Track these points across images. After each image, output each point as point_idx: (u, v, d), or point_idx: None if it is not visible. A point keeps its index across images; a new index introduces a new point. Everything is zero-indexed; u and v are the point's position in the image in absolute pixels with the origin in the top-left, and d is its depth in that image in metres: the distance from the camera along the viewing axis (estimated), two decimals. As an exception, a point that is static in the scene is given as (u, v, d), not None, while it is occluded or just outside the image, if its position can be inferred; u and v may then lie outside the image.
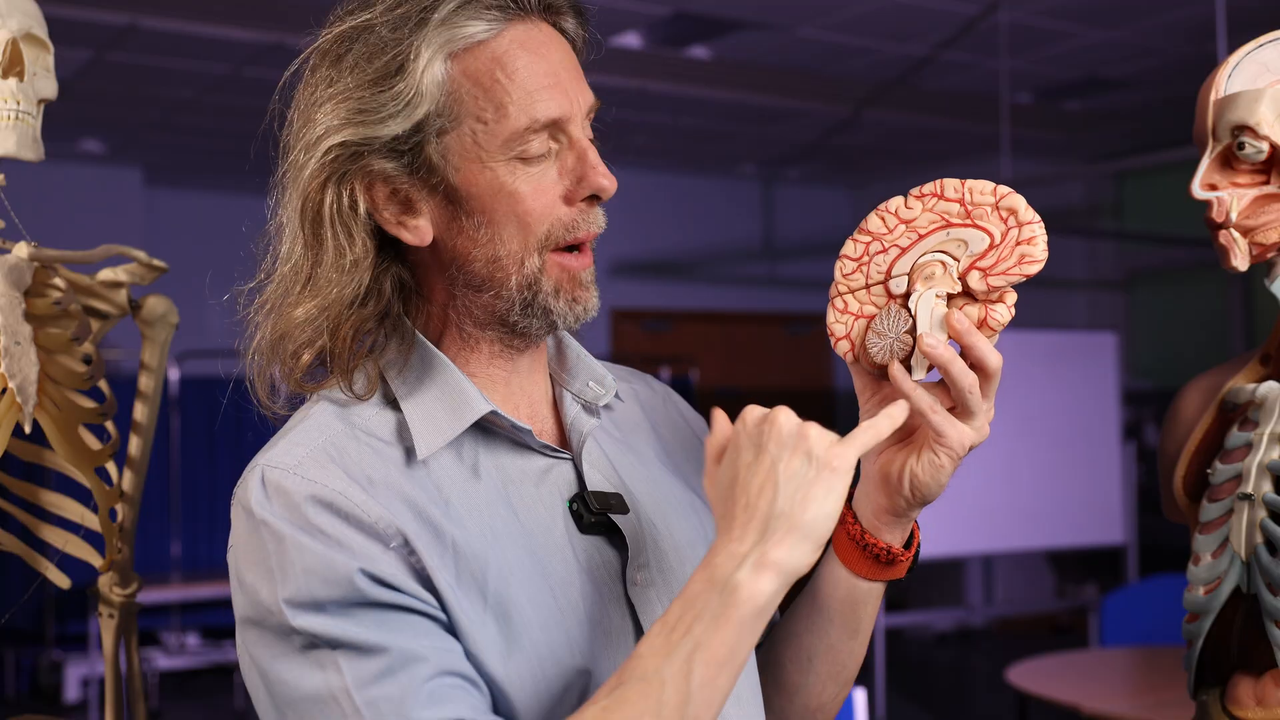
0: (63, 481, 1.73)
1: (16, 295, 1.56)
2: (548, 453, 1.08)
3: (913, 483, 1.05)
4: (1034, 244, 1.01)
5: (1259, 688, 1.24)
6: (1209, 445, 1.31)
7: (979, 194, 1.03)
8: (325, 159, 1.01)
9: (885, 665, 5.87)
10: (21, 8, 1.55)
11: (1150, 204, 8.41)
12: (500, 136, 1.00)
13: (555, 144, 1.03)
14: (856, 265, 1.05)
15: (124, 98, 6.58)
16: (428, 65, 0.99)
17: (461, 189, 1.02)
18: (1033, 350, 6.09)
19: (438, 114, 1.00)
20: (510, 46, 1.02)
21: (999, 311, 1.03)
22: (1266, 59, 1.25)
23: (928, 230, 1.03)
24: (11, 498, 1.68)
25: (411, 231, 1.03)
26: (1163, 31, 5.92)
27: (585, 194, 1.03)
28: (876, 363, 1.04)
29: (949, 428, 1.02)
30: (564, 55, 1.05)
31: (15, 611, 6.59)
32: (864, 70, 6.53)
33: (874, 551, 1.10)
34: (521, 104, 1.00)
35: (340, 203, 1.02)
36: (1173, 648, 4.30)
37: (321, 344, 1.03)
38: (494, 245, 1.02)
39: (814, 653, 1.17)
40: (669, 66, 6.34)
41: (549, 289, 1.04)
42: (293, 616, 0.94)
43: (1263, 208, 1.23)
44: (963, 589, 8.41)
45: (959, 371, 1.00)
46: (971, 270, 1.02)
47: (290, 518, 0.96)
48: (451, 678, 0.94)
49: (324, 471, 0.98)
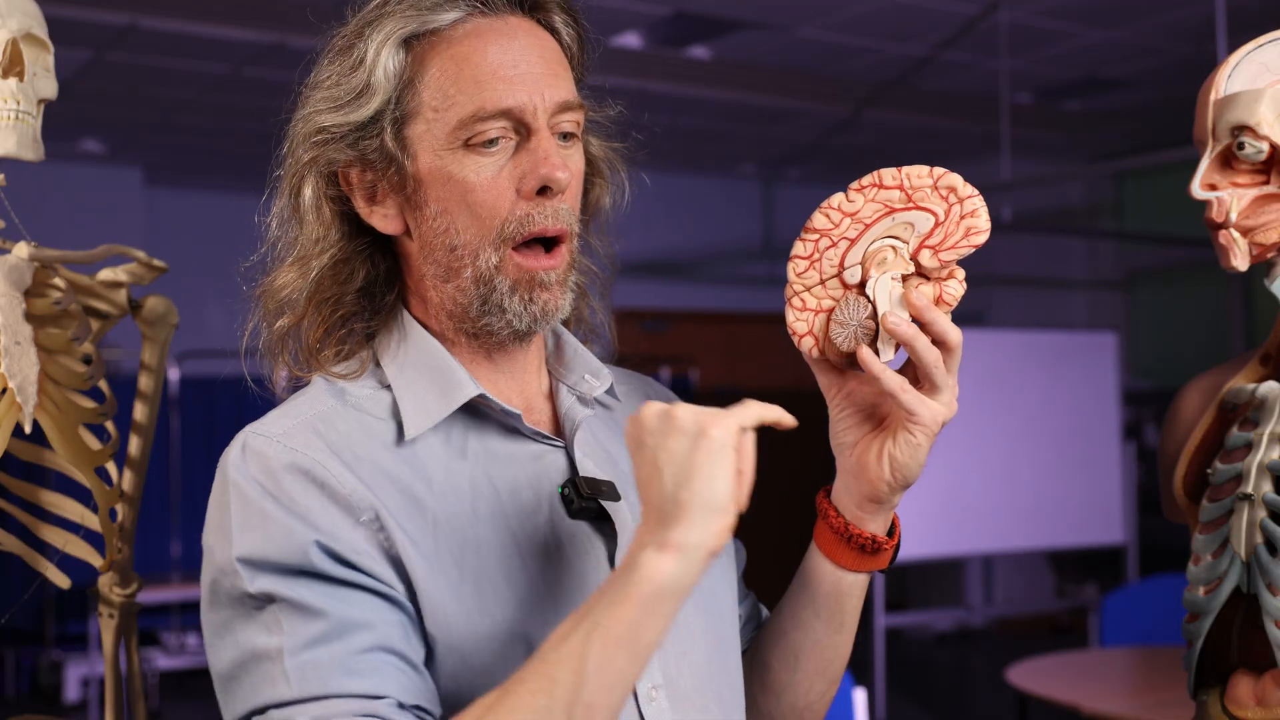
0: (63, 481, 1.73)
1: (16, 295, 1.56)
2: (539, 439, 1.09)
3: (892, 465, 1.07)
4: (977, 216, 1.04)
5: (1259, 688, 1.24)
6: (1209, 445, 1.31)
7: (917, 177, 1.06)
8: (305, 146, 1.06)
9: (885, 665, 5.87)
10: (21, 8, 1.55)
11: (1150, 204, 8.41)
12: (450, 124, 1.03)
13: (515, 136, 1.04)
14: (809, 263, 1.08)
15: (124, 98, 6.57)
16: (381, 56, 1.03)
17: (419, 178, 1.05)
18: (1033, 350, 6.09)
19: (395, 103, 1.04)
20: (466, 37, 1.04)
21: (952, 287, 1.05)
22: (1266, 59, 1.25)
23: (873, 219, 1.06)
24: (11, 498, 1.68)
25: (381, 219, 1.07)
26: (1163, 31, 5.92)
27: (535, 185, 1.03)
28: (843, 351, 1.06)
29: (920, 406, 1.04)
30: (534, 49, 1.06)
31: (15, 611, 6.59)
32: (864, 70, 6.53)
33: (858, 542, 1.12)
34: (470, 92, 1.02)
35: (317, 187, 1.07)
36: (1173, 648, 4.30)
37: (299, 313, 1.08)
38: (450, 235, 1.05)
39: (800, 649, 1.18)
40: (669, 66, 6.34)
41: (505, 287, 1.05)
42: (245, 574, 0.96)
43: (1262, 208, 1.23)
44: (963, 589, 8.41)
45: (924, 347, 1.03)
46: (922, 249, 1.05)
47: (263, 481, 0.99)
48: (387, 654, 0.95)
49: (306, 442, 1.01)
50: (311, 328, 1.08)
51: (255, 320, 1.11)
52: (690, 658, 1.09)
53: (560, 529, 1.06)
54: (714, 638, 1.13)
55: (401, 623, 0.97)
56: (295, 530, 0.96)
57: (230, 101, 6.62)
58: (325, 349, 1.09)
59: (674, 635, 1.08)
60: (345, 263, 1.08)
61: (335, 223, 1.08)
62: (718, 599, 1.16)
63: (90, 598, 1.78)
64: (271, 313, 1.09)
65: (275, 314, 1.09)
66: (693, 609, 1.11)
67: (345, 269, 1.08)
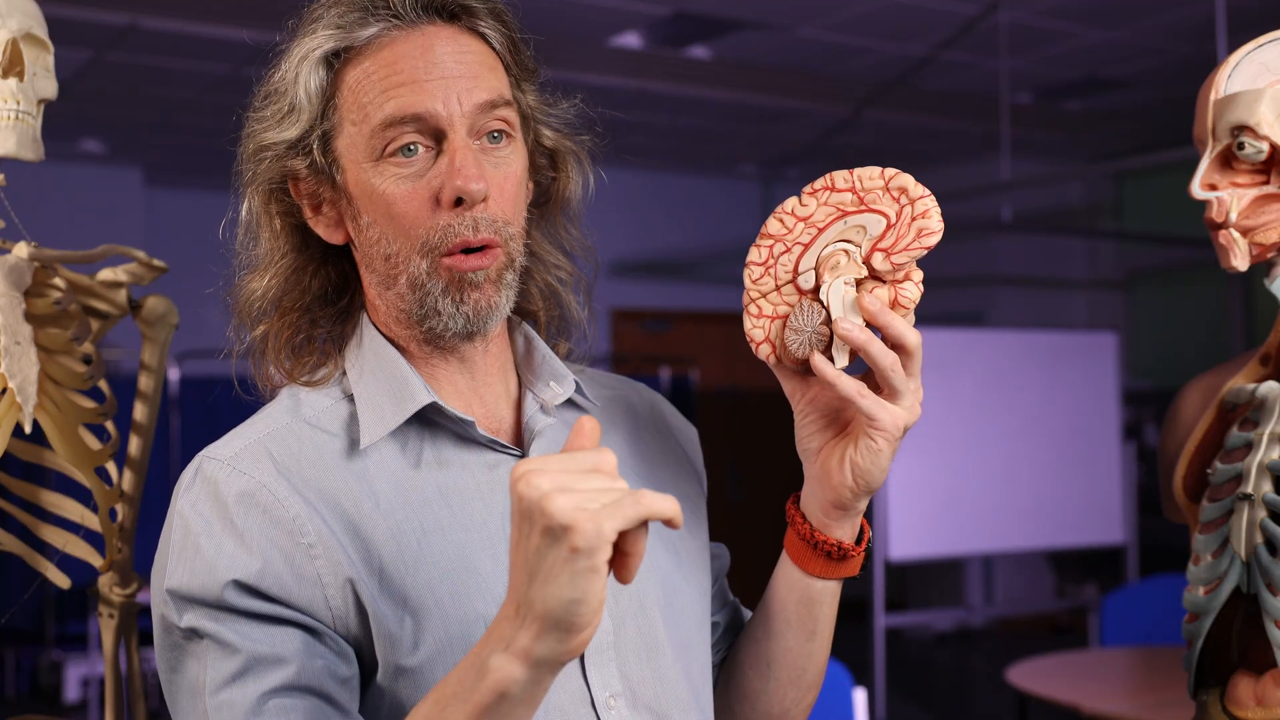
0: (63, 481, 1.72)
1: (16, 295, 1.56)
2: (496, 447, 1.08)
3: (854, 471, 1.06)
4: (929, 217, 1.03)
5: (1259, 688, 1.24)
6: (1209, 445, 1.31)
7: (869, 180, 1.04)
8: (250, 162, 1.10)
9: (885, 665, 5.87)
10: (21, 8, 1.55)
11: (1150, 204, 8.40)
12: (365, 135, 1.04)
13: (434, 145, 1.04)
14: (764, 269, 1.07)
15: (124, 98, 6.58)
16: (302, 74, 1.06)
17: (348, 191, 1.07)
18: (1033, 350, 6.09)
19: (320, 119, 1.06)
20: (382, 49, 1.05)
21: (908, 289, 1.04)
22: (1266, 59, 1.25)
23: (826, 223, 1.05)
24: (11, 498, 1.68)
25: (325, 229, 1.10)
26: (1163, 31, 5.92)
27: (451, 197, 1.03)
28: (798, 358, 1.05)
29: (879, 411, 1.02)
30: (450, 55, 1.05)
31: (15, 611, 6.60)
32: (864, 70, 6.53)
33: (825, 549, 1.11)
34: (378, 102, 1.04)
35: (266, 200, 1.10)
36: (1173, 648, 4.30)
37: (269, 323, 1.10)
38: (383, 244, 1.06)
39: (772, 657, 1.17)
40: (669, 66, 6.33)
41: (437, 290, 1.05)
42: (175, 608, 0.99)
43: (1262, 208, 1.24)
44: (963, 589, 8.41)
45: (878, 351, 1.01)
46: (874, 253, 1.03)
47: (206, 512, 1.00)
48: (301, 695, 0.95)
49: (256, 464, 1.02)
50: (282, 334, 1.10)
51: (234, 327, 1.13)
52: (652, 665, 1.08)
53: None
54: (679, 645, 1.12)
55: (325, 656, 0.98)
56: (218, 568, 0.97)
57: (230, 101, 6.58)
58: (298, 355, 1.11)
59: (636, 642, 1.08)
60: (301, 271, 1.11)
61: (285, 233, 1.11)
62: (684, 606, 1.14)
63: (90, 598, 1.78)
64: (250, 320, 1.12)
65: (253, 322, 1.11)
66: (658, 615, 1.10)
67: (302, 277, 1.11)
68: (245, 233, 1.13)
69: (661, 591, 1.12)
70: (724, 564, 1.27)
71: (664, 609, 1.11)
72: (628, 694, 1.06)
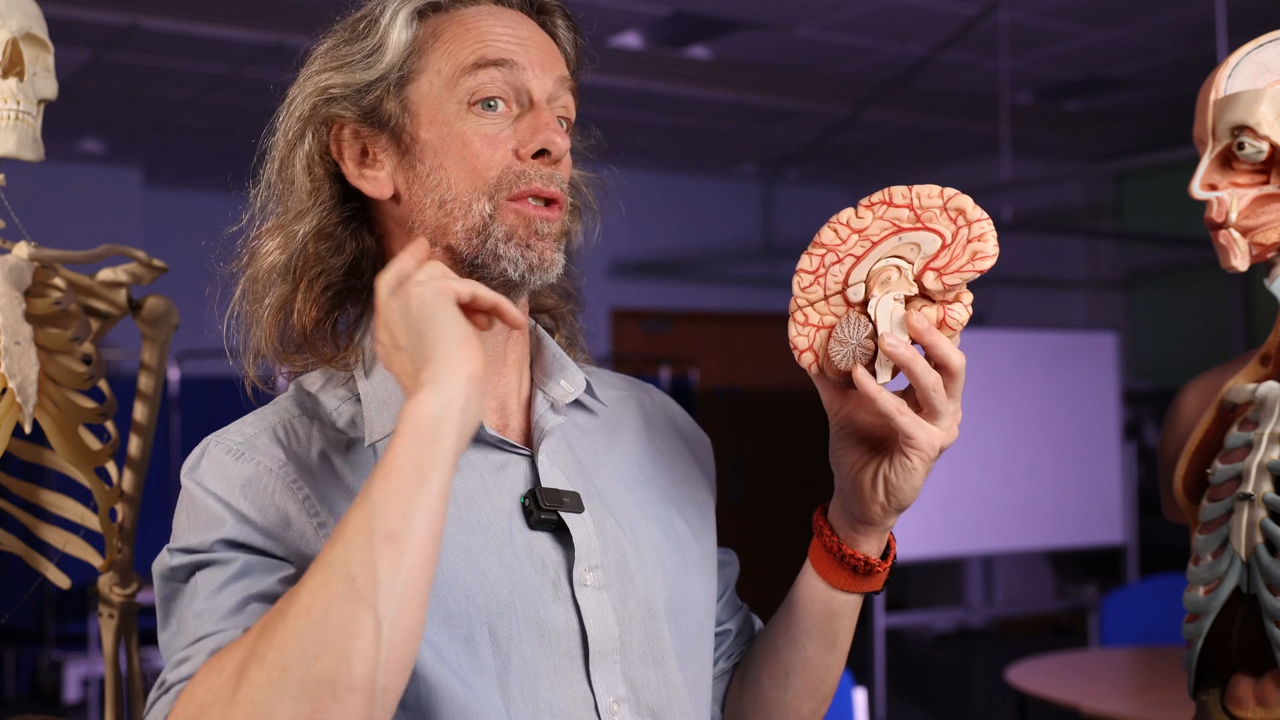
0: (63, 481, 1.73)
1: (16, 295, 1.56)
2: (505, 447, 1.08)
3: (887, 488, 1.05)
4: (984, 240, 1.02)
5: (1259, 688, 1.24)
6: (1209, 445, 1.31)
7: (927, 198, 1.04)
8: (305, 102, 1.08)
9: (885, 665, 5.87)
10: (21, 8, 1.55)
11: (1150, 204, 8.41)
12: (450, 78, 1.05)
13: (517, 108, 1.06)
14: (813, 278, 1.06)
15: (124, 98, 6.57)
16: (393, 24, 1.07)
17: (417, 137, 1.06)
18: (1033, 350, 6.09)
19: (400, 66, 1.06)
20: (478, 15, 1.08)
21: (957, 311, 1.03)
22: (1266, 59, 1.25)
23: (880, 237, 1.04)
24: (11, 498, 1.68)
25: (371, 182, 1.08)
26: (1163, 31, 5.92)
27: (535, 148, 1.05)
28: (841, 370, 1.04)
29: (917, 429, 1.02)
30: (536, 34, 1.10)
31: (15, 611, 6.60)
32: (864, 70, 6.53)
33: (851, 563, 1.10)
34: (472, 46, 1.06)
35: (312, 145, 1.08)
36: (1173, 648, 4.30)
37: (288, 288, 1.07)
38: (441, 189, 1.05)
39: (791, 667, 1.17)
40: (669, 66, 6.33)
41: (500, 234, 1.04)
42: (172, 556, 1.00)
43: (1262, 208, 1.24)
44: (963, 589, 8.40)
45: (922, 370, 1.00)
46: (926, 271, 1.03)
47: (213, 487, 1.00)
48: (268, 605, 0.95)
49: (268, 450, 1.02)
50: (304, 308, 1.07)
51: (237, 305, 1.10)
52: (658, 670, 1.08)
53: (518, 540, 1.04)
54: (684, 652, 1.11)
55: None
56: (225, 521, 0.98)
57: (230, 101, 6.62)
58: (320, 332, 1.08)
59: (642, 647, 1.07)
60: (330, 235, 1.08)
61: (326, 183, 1.08)
62: (690, 612, 1.14)
63: (90, 598, 1.78)
64: (260, 288, 1.08)
65: (263, 290, 1.08)
66: (664, 620, 1.09)
67: (330, 241, 1.08)
68: (268, 187, 1.11)
69: (669, 596, 1.11)
70: (734, 571, 1.27)
71: (670, 614, 1.10)
72: (632, 699, 1.05)
